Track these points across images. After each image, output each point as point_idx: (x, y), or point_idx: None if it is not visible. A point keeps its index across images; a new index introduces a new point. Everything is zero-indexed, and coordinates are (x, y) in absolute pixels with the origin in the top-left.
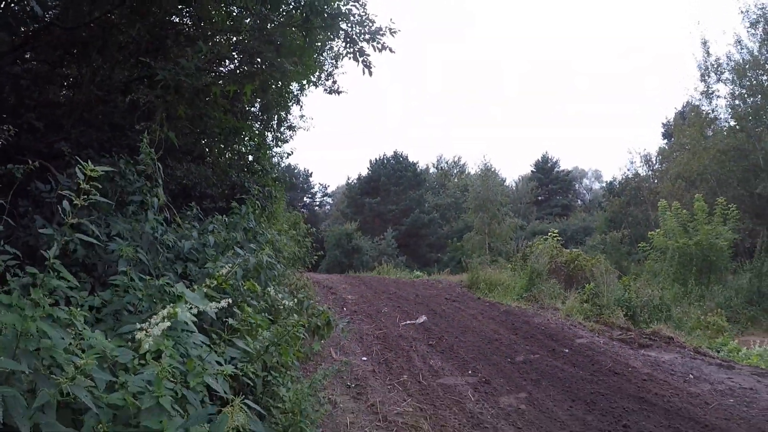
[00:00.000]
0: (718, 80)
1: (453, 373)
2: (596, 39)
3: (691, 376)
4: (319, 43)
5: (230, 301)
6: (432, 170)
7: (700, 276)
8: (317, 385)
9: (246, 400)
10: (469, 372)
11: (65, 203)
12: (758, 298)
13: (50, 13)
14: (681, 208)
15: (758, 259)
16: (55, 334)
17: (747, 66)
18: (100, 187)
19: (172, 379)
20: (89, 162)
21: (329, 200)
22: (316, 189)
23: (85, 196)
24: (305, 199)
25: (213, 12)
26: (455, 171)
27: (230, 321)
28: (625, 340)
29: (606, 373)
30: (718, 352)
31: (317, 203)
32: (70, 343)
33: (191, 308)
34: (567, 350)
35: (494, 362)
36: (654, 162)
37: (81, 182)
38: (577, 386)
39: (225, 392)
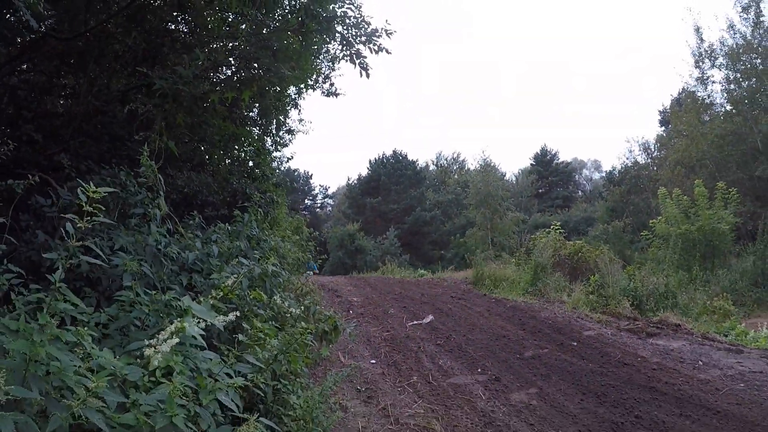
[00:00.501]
0: (713, 66)
1: (462, 372)
2: (594, 39)
3: (700, 362)
4: (316, 47)
5: (238, 313)
6: (432, 168)
7: (704, 261)
8: (327, 392)
9: (260, 419)
10: (479, 370)
11: (69, 225)
12: (763, 280)
13: (46, 23)
14: (681, 194)
15: (761, 241)
16: (64, 357)
17: (740, 50)
18: (102, 200)
19: (183, 397)
20: (90, 174)
21: (330, 201)
22: (316, 191)
23: (89, 218)
24: (306, 201)
25: (209, 19)
26: (455, 167)
27: (240, 337)
28: (633, 329)
29: (615, 365)
30: (726, 336)
31: (318, 205)
32: (80, 366)
33: (199, 322)
34: (575, 343)
35: (503, 359)
36: (652, 150)
37: (84, 204)
38: (587, 379)
39: (237, 406)
